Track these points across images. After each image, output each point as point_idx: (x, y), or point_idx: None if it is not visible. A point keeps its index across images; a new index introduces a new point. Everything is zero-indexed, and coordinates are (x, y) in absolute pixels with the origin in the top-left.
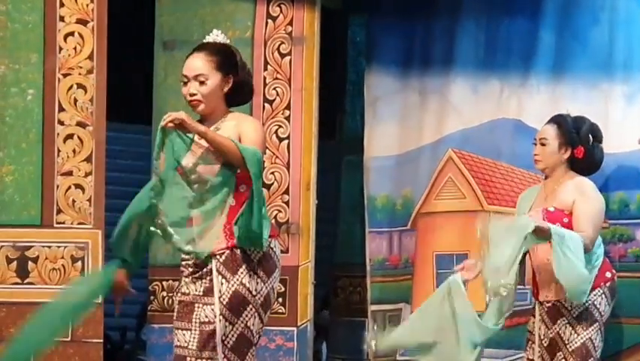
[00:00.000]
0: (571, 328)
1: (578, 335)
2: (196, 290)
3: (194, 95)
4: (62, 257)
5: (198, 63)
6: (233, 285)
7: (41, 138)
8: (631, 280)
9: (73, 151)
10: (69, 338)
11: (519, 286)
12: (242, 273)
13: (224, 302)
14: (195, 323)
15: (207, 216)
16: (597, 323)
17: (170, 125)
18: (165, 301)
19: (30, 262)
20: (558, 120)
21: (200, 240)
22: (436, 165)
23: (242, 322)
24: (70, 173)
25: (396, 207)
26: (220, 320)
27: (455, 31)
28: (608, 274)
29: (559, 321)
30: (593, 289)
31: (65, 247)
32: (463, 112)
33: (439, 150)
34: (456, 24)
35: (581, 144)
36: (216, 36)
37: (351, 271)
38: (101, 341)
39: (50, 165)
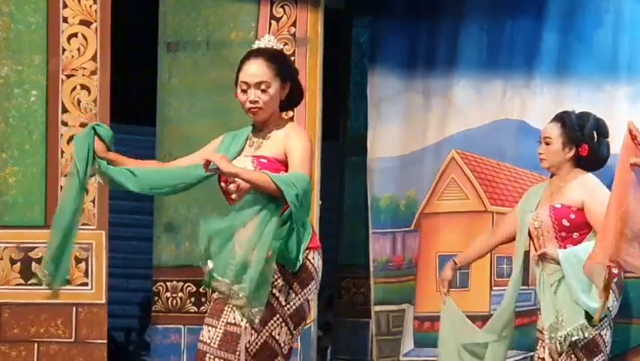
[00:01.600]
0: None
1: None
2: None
3: (256, 102)
4: None
5: (260, 70)
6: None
7: (45, 140)
8: (636, 280)
9: None
10: (73, 339)
11: (523, 287)
12: (273, 282)
13: (255, 307)
14: (222, 322)
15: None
16: (606, 318)
17: (208, 172)
18: (169, 302)
19: (34, 263)
20: (562, 118)
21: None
22: (440, 166)
23: (267, 331)
24: None
25: (400, 208)
26: (246, 327)
27: (458, 33)
28: (615, 270)
29: None
30: None
31: None
32: (466, 113)
33: (443, 151)
34: (459, 25)
35: (585, 142)
36: (268, 41)
37: (355, 272)
38: (105, 341)
39: (54, 166)
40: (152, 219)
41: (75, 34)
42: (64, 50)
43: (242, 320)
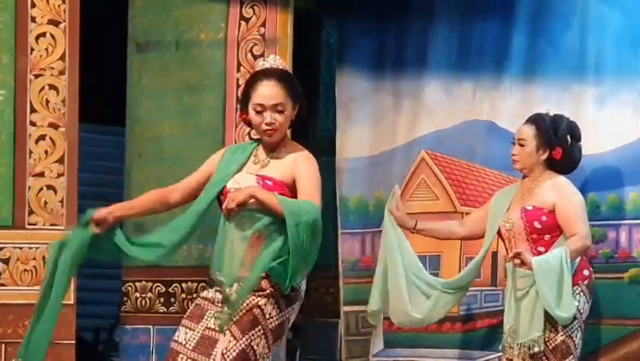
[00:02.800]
0: (551, 326)
1: (558, 332)
2: (215, 299)
3: (273, 124)
4: (34, 258)
5: (275, 91)
6: (248, 304)
7: (13, 140)
8: (602, 281)
9: (45, 152)
10: None
11: (490, 288)
12: (260, 295)
13: (235, 318)
14: (202, 326)
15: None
16: (577, 321)
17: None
18: (138, 302)
19: (1, 264)
20: (536, 120)
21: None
22: (409, 166)
23: (247, 339)
24: (42, 174)
25: (369, 208)
26: (225, 333)
27: (428, 34)
28: (586, 272)
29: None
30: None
31: (37, 248)
32: (436, 114)
33: (412, 152)
34: (429, 26)
35: (559, 145)
36: (274, 61)
37: (324, 272)
38: (74, 342)
39: (22, 166)
40: None
41: (43, 34)
42: (32, 49)
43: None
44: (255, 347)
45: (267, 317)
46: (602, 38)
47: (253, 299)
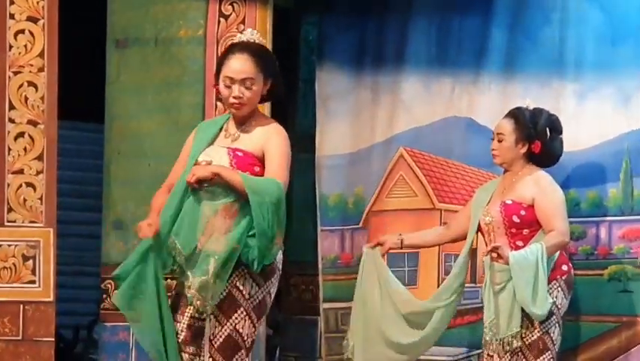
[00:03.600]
0: (527, 322)
1: (534, 328)
2: (190, 284)
3: (240, 97)
4: (13, 255)
5: (246, 66)
6: (228, 287)
7: None
8: (581, 277)
9: (24, 149)
10: (20, 337)
11: (470, 285)
12: (237, 275)
13: (216, 302)
14: (187, 316)
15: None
16: (554, 316)
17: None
18: None
19: None
20: (515, 114)
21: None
22: (388, 163)
23: (231, 324)
24: (21, 171)
25: (348, 205)
26: (210, 319)
27: (407, 29)
28: (564, 267)
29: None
30: (548, 282)
31: (16, 245)
32: (414, 110)
33: (391, 148)
34: (408, 22)
35: (537, 139)
36: (251, 35)
37: (304, 270)
38: (53, 339)
39: (1, 164)
40: (100, 216)
41: (22, 31)
42: (11, 46)
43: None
44: (241, 330)
45: (247, 297)
46: (582, 34)
47: (232, 280)
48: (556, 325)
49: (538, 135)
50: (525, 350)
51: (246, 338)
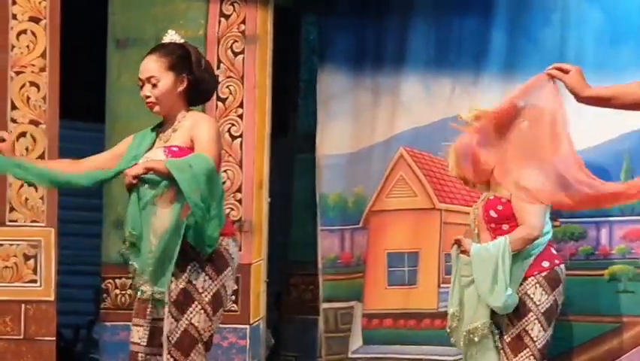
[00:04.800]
0: (507, 320)
1: (513, 326)
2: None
3: (149, 97)
4: (15, 255)
5: (150, 65)
6: (181, 282)
7: None
8: (581, 278)
9: (26, 149)
10: (22, 336)
11: None
12: (190, 270)
13: (172, 299)
14: (148, 319)
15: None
16: (532, 313)
17: (131, 184)
18: (118, 299)
19: None
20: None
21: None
22: (388, 163)
23: (186, 319)
24: None
25: (348, 205)
26: (168, 317)
27: (407, 30)
28: (545, 264)
29: (496, 313)
30: (525, 278)
31: (18, 245)
32: (414, 110)
33: (391, 149)
34: (408, 22)
35: None
36: (171, 36)
37: (304, 269)
38: (54, 339)
39: None
40: (101, 215)
41: (24, 31)
42: (13, 46)
43: (163, 313)
44: (196, 324)
45: (201, 290)
46: (582, 35)
47: (185, 276)
48: (536, 322)
49: None
50: (505, 347)
51: (202, 331)
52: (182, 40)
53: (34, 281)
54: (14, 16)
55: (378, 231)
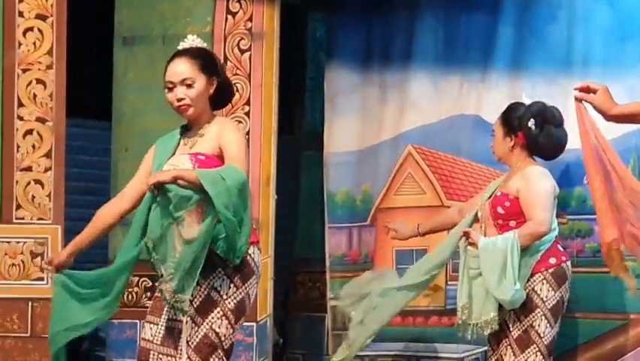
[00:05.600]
0: (514, 316)
1: (520, 322)
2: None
3: (183, 99)
4: (22, 253)
5: (182, 67)
6: (205, 288)
7: (0, 134)
8: (589, 275)
9: (33, 147)
10: (29, 334)
11: None
12: (215, 276)
13: (194, 304)
14: (164, 319)
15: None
16: (539, 310)
17: (154, 189)
18: (125, 296)
19: None
20: (505, 110)
21: None
22: (396, 160)
23: (207, 323)
24: (29, 168)
25: (356, 202)
26: (187, 321)
27: (415, 27)
28: (552, 260)
29: (503, 309)
30: (532, 274)
31: (25, 242)
32: (422, 108)
33: (399, 146)
34: (415, 19)
35: (519, 130)
36: (192, 41)
37: (311, 267)
38: None
39: (9, 161)
40: None
41: (31, 29)
42: (20, 44)
43: (168, 301)
44: (217, 329)
45: (225, 297)
46: (590, 31)
47: (209, 282)
48: (543, 318)
49: (521, 127)
50: (512, 344)
51: (223, 338)
52: (204, 44)
53: (41, 279)
54: (21, 14)
55: (385, 228)
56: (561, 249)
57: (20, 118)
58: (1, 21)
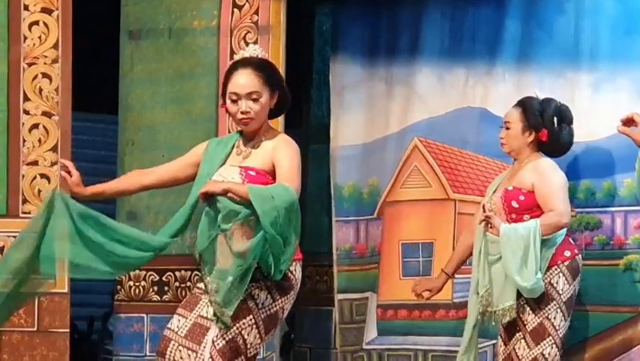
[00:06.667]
0: (529, 308)
1: (535, 315)
2: (210, 289)
3: (248, 112)
4: None
5: (250, 80)
6: (243, 295)
7: (6, 128)
8: (597, 268)
9: (39, 141)
10: (35, 328)
11: None
12: (255, 286)
13: (233, 311)
14: (195, 314)
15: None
16: (555, 302)
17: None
18: (132, 290)
19: None
20: (523, 103)
21: None
22: (402, 153)
23: (237, 329)
24: (35, 163)
25: (363, 195)
26: (218, 322)
27: (421, 20)
28: (567, 253)
29: (519, 300)
30: (549, 268)
31: None
32: (428, 101)
33: (405, 139)
34: (422, 13)
35: (544, 127)
36: (254, 50)
37: (318, 260)
38: (67, 331)
39: (16, 155)
40: (114, 207)
41: (36, 22)
42: (25, 38)
43: (214, 314)
44: (246, 336)
45: (260, 306)
46: (597, 24)
47: (248, 290)
48: (558, 310)
49: (545, 124)
50: (527, 335)
51: (249, 346)
52: (266, 55)
53: None
54: (26, 7)
55: (392, 221)
56: (572, 242)
57: (26, 112)
58: (7, 15)
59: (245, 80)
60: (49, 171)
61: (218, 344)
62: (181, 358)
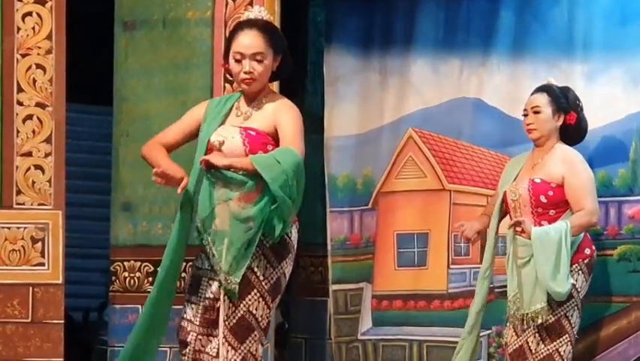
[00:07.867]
0: (547, 306)
1: (554, 311)
2: (207, 265)
3: (251, 73)
4: (22, 238)
5: (256, 41)
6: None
7: (0, 119)
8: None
9: (33, 132)
10: (29, 320)
11: (479, 266)
12: (252, 257)
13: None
14: (200, 297)
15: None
16: (573, 299)
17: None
18: (127, 281)
19: None
20: (547, 88)
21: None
22: (397, 144)
23: (244, 306)
24: (29, 154)
25: (357, 186)
26: (225, 300)
27: (415, 11)
28: (587, 251)
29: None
30: (570, 265)
31: (25, 228)
32: (423, 91)
33: (400, 130)
34: (416, 3)
35: (572, 110)
36: (259, 12)
37: (313, 251)
38: (62, 322)
39: (9, 146)
40: (109, 198)
41: (30, 13)
42: (18, 28)
43: (220, 293)
44: (254, 311)
45: (262, 278)
46: (591, 14)
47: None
48: (575, 308)
49: (571, 107)
50: (543, 332)
51: (260, 319)
52: (270, 17)
53: (42, 264)
54: None
55: (387, 212)
56: (590, 238)
57: (20, 103)
58: (0, 6)
59: (250, 41)
60: (43, 162)
61: (229, 324)
62: (202, 346)
